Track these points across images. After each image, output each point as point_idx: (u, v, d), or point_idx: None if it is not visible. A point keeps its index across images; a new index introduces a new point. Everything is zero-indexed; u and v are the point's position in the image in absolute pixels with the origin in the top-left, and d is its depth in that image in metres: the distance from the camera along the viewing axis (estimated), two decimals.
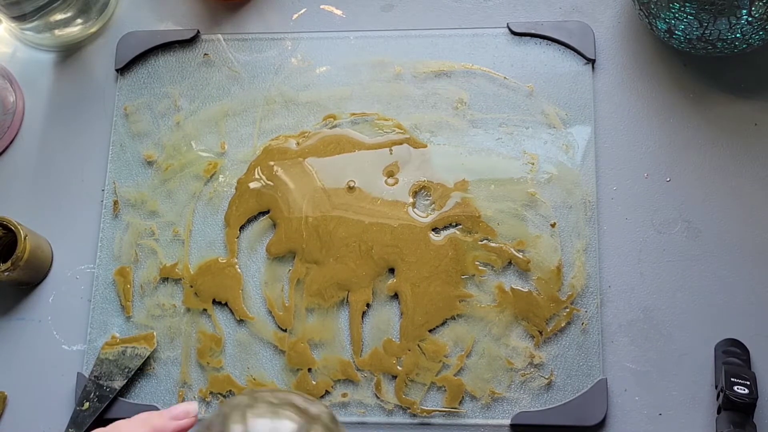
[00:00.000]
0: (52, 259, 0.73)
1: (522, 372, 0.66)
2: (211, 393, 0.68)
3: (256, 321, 0.69)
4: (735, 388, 0.61)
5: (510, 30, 0.75)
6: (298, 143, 0.73)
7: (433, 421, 0.66)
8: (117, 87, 0.77)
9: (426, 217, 0.70)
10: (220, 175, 0.73)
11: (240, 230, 0.72)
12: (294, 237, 0.70)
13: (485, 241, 0.69)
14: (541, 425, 0.65)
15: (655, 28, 0.70)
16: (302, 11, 0.79)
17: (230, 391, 0.68)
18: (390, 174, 0.72)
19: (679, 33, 0.68)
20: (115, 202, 0.73)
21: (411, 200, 0.71)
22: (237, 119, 0.75)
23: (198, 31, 0.77)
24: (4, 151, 0.77)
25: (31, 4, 0.75)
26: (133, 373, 0.68)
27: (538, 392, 0.66)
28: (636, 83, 0.73)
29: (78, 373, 0.69)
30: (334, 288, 0.69)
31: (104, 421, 0.68)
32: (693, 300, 0.67)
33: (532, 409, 0.65)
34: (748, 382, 0.61)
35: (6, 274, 0.68)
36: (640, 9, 0.70)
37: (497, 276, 0.68)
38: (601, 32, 0.75)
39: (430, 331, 0.67)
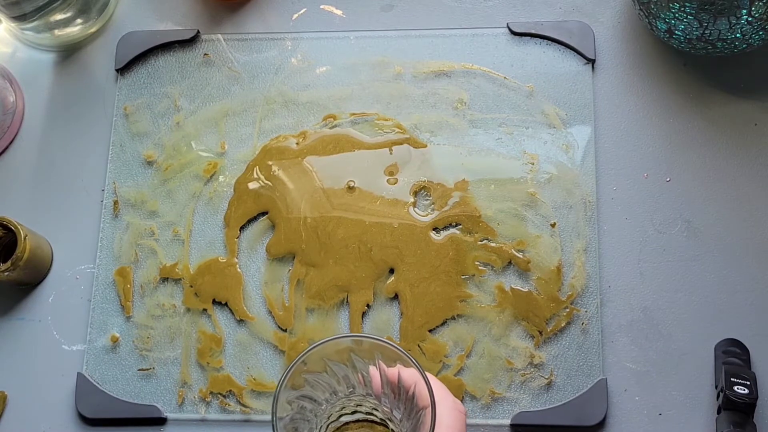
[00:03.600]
0: (52, 259, 0.73)
1: (522, 372, 0.66)
2: (211, 393, 0.68)
3: (256, 321, 0.69)
4: (735, 388, 0.61)
5: (510, 30, 0.75)
6: (297, 143, 0.73)
7: None
8: (117, 87, 0.77)
9: (426, 216, 0.70)
10: (220, 175, 0.73)
11: (240, 230, 0.72)
12: (293, 238, 0.70)
13: (485, 241, 0.69)
14: (541, 425, 0.65)
15: (655, 28, 0.70)
16: (302, 11, 0.79)
17: (230, 390, 0.68)
18: (390, 174, 0.72)
19: (679, 33, 0.68)
20: (115, 202, 0.73)
21: (411, 200, 0.71)
22: (237, 119, 0.75)
23: (198, 31, 0.77)
24: (4, 151, 0.77)
25: (31, 4, 0.75)
26: None
27: (538, 392, 0.66)
28: (636, 83, 0.73)
29: (78, 373, 0.69)
30: (334, 290, 0.69)
31: (107, 420, 0.68)
32: (693, 300, 0.67)
33: (532, 409, 0.65)
34: (748, 382, 0.61)
35: (6, 274, 0.68)
36: (640, 9, 0.70)
37: (497, 276, 0.68)
38: (601, 32, 0.75)
39: (430, 331, 0.67)
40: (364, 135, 0.73)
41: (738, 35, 0.66)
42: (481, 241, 0.69)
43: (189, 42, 0.78)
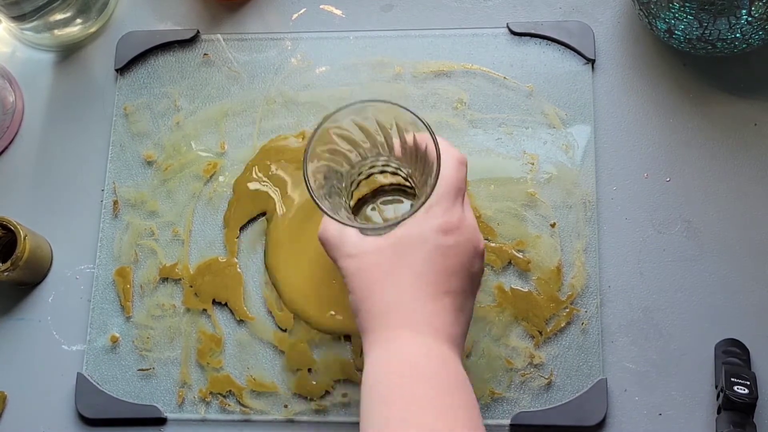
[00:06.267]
0: (51, 259, 0.73)
1: (522, 372, 0.66)
2: (211, 393, 0.68)
3: (256, 321, 0.69)
4: (735, 388, 0.61)
5: (510, 30, 0.75)
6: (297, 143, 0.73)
7: None
8: (117, 87, 0.77)
9: None
10: (220, 176, 0.73)
11: (240, 230, 0.72)
12: None
13: (485, 241, 0.69)
14: (540, 425, 0.65)
15: (654, 28, 0.70)
16: (302, 11, 0.79)
17: (230, 391, 0.68)
18: None
19: (679, 33, 0.68)
20: (115, 202, 0.73)
21: None
22: (237, 119, 0.75)
23: (198, 31, 0.77)
24: (3, 151, 0.77)
25: (30, 4, 0.75)
26: None
27: (538, 392, 0.66)
28: (636, 83, 0.73)
29: (78, 373, 0.69)
30: None
31: (107, 421, 0.68)
32: (693, 300, 0.67)
33: (531, 409, 0.65)
34: (748, 382, 0.61)
35: (6, 274, 0.68)
36: (640, 9, 0.70)
37: (497, 276, 0.68)
38: (600, 32, 0.75)
39: None
40: None
41: (738, 35, 0.66)
42: None
43: (189, 42, 0.77)
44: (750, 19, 0.64)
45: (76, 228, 0.74)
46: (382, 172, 0.60)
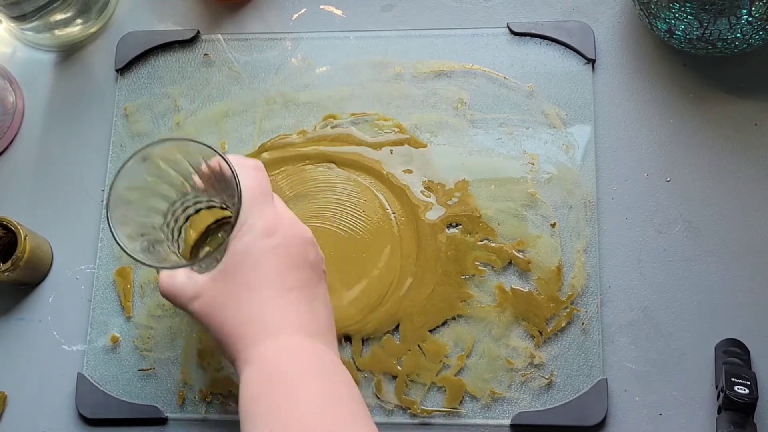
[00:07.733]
0: (52, 259, 0.73)
1: (522, 372, 0.66)
2: (211, 393, 0.68)
3: None
4: (735, 388, 0.61)
5: (510, 30, 0.75)
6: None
7: (433, 421, 0.66)
8: (117, 87, 0.77)
9: None
10: None
11: None
12: None
13: (485, 241, 0.69)
14: (541, 425, 0.65)
15: (655, 28, 0.70)
16: (302, 11, 0.79)
17: (230, 391, 0.68)
18: None
19: (679, 33, 0.68)
20: None
21: None
22: (237, 119, 0.75)
23: (198, 31, 0.77)
24: (3, 151, 0.77)
25: (31, 4, 0.75)
26: None
27: (538, 392, 0.66)
28: (636, 83, 0.73)
29: (78, 373, 0.69)
30: None
31: (108, 421, 0.68)
32: (693, 300, 0.67)
33: (532, 409, 0.65)
34: (749, 382, 0.61)
35: (6, 274, 0.68)
36: (640, 9, 0.70)
37: (497, 276, 0.68)
38: (601, 32, 0.75)
39: (430, 331, 0.67)
40: (365, 135, 0.73)
41: (738, 35, 0.66)
42: (481, 241, 0.69)
43: (189, 42, 0.77)
44: (750, 19, 0.64)
45: (77, 228, 0.74)
46: (197, 210, 0.61)
